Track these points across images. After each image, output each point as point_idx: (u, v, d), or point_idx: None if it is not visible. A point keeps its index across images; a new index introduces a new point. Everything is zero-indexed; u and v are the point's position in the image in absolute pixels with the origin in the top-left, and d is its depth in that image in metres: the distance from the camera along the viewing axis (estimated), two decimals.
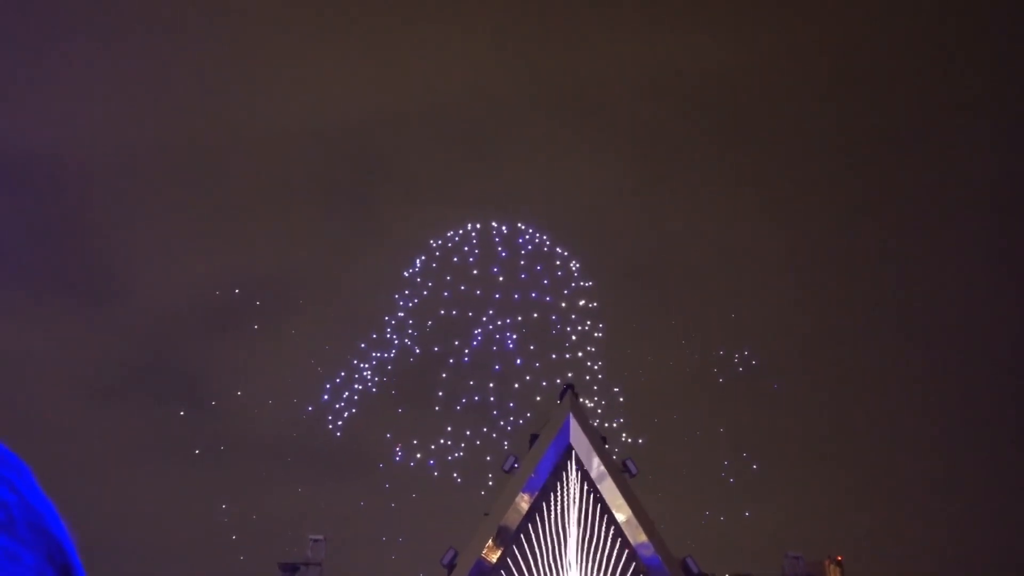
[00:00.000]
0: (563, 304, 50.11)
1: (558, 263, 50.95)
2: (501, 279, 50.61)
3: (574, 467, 40.19)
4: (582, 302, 50.38)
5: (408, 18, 60.18)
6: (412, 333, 50.09)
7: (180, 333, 58.51)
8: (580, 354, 49.14)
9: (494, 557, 39.58)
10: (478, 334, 49.39)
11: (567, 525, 39.64)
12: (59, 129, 57.52)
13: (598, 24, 61.57)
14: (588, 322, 49.99)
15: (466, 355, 48.95)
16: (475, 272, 51.03)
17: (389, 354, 50.08)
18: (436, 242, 51.47)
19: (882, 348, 58.34)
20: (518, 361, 48.90)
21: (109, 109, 58.26)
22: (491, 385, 48.52)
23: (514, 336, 49.33)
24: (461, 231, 51.56)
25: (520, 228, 51.60)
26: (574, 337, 49.74)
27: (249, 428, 56.06)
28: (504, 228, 51.63)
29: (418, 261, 51.31)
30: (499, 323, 49.96)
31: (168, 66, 58.77)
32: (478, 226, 51.89)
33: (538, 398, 48.35)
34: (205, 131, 58.31)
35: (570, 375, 47.25)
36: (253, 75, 59.14)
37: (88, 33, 57.69)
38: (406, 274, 51.33)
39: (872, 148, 60.59)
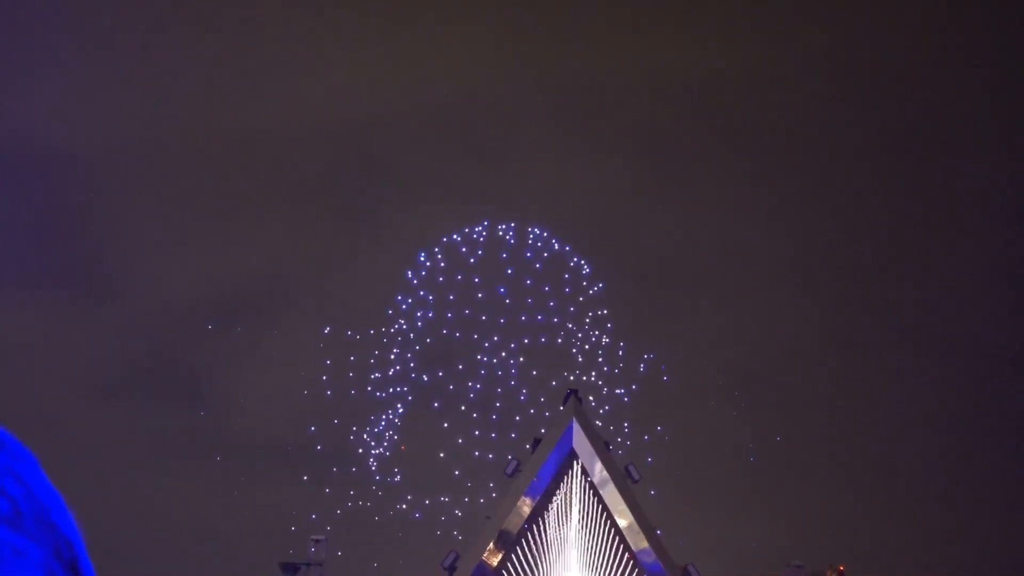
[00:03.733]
0: (570, 325, 49.74)
1: (567, 276, 50.63)
2: (504, 292, 50.34)
3: (577, 472, 40.13)
4: (589, 316, 50.09)
5: (409, 15, 60.10)
6: (414, 351, 49.84)
7: (181, 331, 58.44)
8: (585, 379, 48.76)
9: (495, 561, 39.52)
10: (483, 359, 49.11)
11: (569, 530, 39.57)
12: (56, 123, 57.48)
13: (602, 25, 61.50)
14: (595, 333, 49.76)
15: (472, 391, 48.52)
16: (477, 281, 50.73)
17: (393, 369, 49.90)
18: (437, 248, 51.25)
19: (889, 356, 58.21)
20: (523, 391, 48.61)
21: (106, 104, 58.24)
22: (494, 416, 48.24)
23: (520, 360, 49.10)
24: (464, 231, 51.38)
25: (526, 231, 51.41)
26: (580, 359, 49.48)
27: (252, 427, 56.00)
28: (509, 233, 51.43)
29: (422, 271, 50.96)
30: (497, 323, 49.80)
31: (165, 62, 58.78)
32: (485, 224, 51.63)
33: (541, 404, 48.25)
34: (204, 128, 58.26)
35: (580, 384, 47.01)
36: (253, 72, 59.12)
37: (83, 26, 57.67)
38: (409, 275, 51.19)
39: (881, 152, 60.50)
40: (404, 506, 47.46)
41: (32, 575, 1.22)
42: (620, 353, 49.91)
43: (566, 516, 39.67)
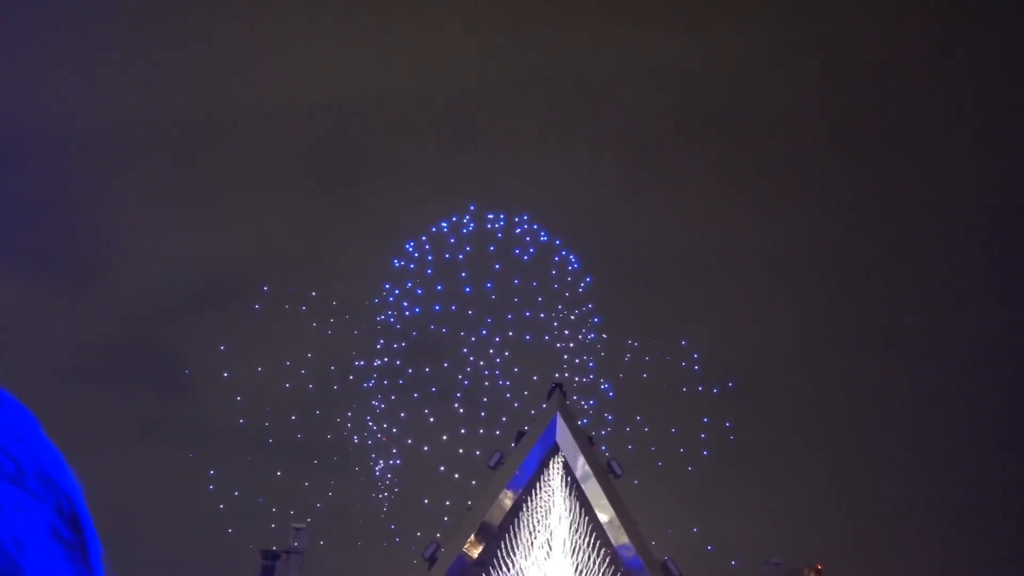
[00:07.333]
0: (555, 324, 49.58)
1: (554, 273, 50.48)
2: (491, 287, 50.18)
3: (559, 466, 40.08)
4: (575, 314, 49.94)
5: (400, 1, 59.98)
6: (399, 346, 49.61)
7: (162, 313, 58.18)
8: (569, 374, 48.61)
9: (476, 552, 39.43)
10: (468, 354, 48.96)
11: (549, 523, 39.50)
12: (39, 105, 57.17)
13: (595, 16, 61.40)
14: (582, 330, 49.65)
15: (457, 385, 48.30)
16: (464, 275, 50.57)
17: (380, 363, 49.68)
18: (423, 237, 51.04)
19: (872, 356, 58.30)
20: (508, 384, 48.45)
21: (90, 85, 57.96)
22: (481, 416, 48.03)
23: (506, 354, 49.00)
24: (452, 219, 51.17)
25: (514, 221, 51.25)
26: (566, 356, 49.34)
27: (233, 415, 55.74)
28: (498, 223, 51.24)
29: (410, 265, 50.73)
30: (484, 317, 49.68)
31: (150, 43, 58.51)
32: (471, 219, 51.45)
33: (525, 399, 48.14)
34: (191, 107, 58.00)
35: (564, 376, 46.93)
36: (241, 55, 58.86)
37: (67, 9, 57.32)
38: (396, 265, 51.00)
39: (870, 150, 60.55)
40: (383, 495, 47.34)
41: (35, 530, 1.26)
42: (604, 341, 49.82)
43: (547, 509, 39.61)
